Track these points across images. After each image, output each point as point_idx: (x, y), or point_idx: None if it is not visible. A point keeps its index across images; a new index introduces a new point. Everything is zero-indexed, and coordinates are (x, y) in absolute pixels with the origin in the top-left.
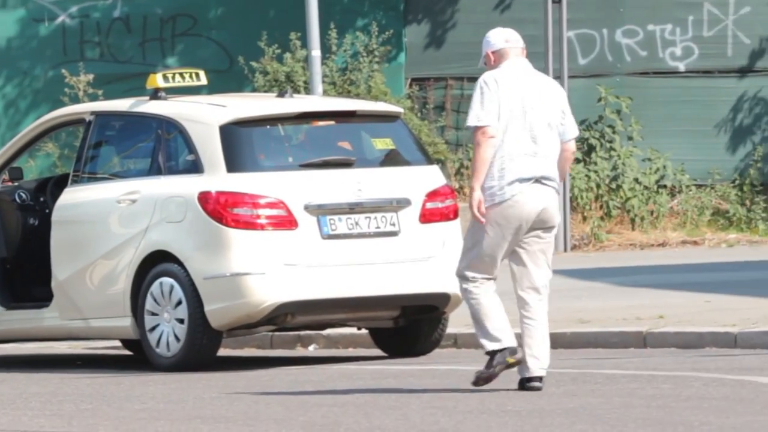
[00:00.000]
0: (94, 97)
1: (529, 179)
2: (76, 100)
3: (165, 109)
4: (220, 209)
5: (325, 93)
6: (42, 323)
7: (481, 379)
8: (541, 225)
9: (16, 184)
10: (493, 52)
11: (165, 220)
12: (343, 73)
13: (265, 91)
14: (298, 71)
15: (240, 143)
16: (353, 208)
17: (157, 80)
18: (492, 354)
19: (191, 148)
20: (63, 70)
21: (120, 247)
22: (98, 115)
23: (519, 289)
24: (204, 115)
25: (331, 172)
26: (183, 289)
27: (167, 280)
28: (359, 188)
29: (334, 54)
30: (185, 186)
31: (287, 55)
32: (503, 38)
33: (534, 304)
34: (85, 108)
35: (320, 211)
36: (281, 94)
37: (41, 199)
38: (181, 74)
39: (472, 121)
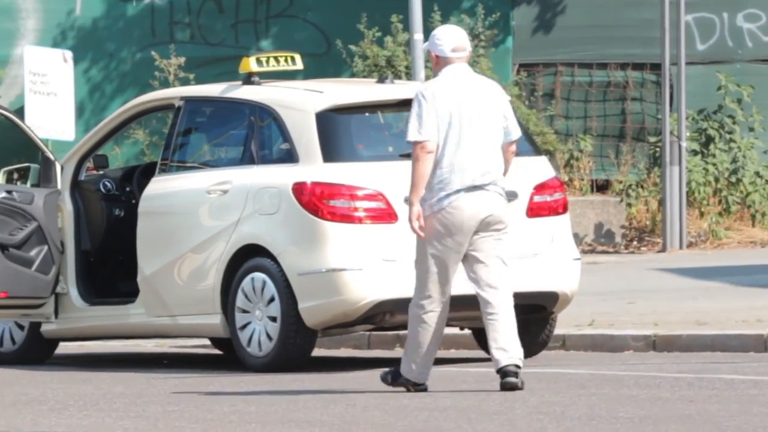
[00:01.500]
0: (185, 81)
1: (469, 187)
2: (165, 84)
3: (258, 95)
4: (315, 201)
5: (428, 79)
6: (127, 320)
7: (382, 381)
8: (487, 227)
9: (101, 172)
10: (437, 56)
11: (257, 212)
12: None
13: (364, 77)
14: (399, 56)
15: (337, 131)
16: None
17: (251, 64)
18: (404, 381)
19: (286, 136)
20: (152, 53)
21: (210, 240)
22: (188, 100)
23: (478, 289)
24: (299, 101)
25: None
26: (276, 285)
27: (259, 276)
28: None
29: None
30: (279, 176)
31: (388, 38)
32: (451, 46)
33: (494, 300)
34: (175, 93)
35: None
36: (381, 80)
37: (127, 188)
38: (275, 58)
39: (411, 135)
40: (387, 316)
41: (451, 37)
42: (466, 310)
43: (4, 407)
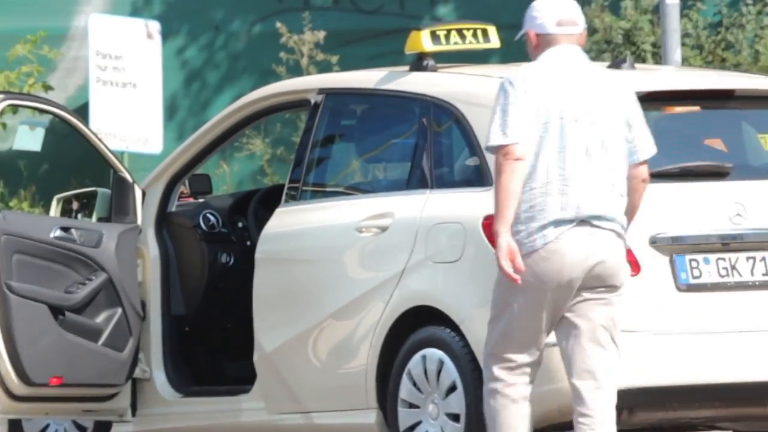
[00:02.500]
0: (325, 68)
1: (571, 220)
2: (296, 71)
3: (434, 87)
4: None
5: (686, 62)
6: (239, 418)
7: None
8: (597, 283)
9: (200, 200)
10: (537, 35)
11: (431, 258)
12: (715, 32)
13: (593, 58)
14: (643, 28)
15: None
16: (728, 243)
17: (423, 41)
18: None
19: (474, 147)
20: (277, 24)
21: (361, 300)
22: (330, 94)
23: (570, 375)
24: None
25: (694, 187)
26: (458, 367)
27: (434, 353)
28: (738, 212)
29: (701, 2)
30: (464, 206)
31: (626, 2)
32: (555, 18)
33: (591, 396)
34: (311, 83)
35: (676, 247)
36: (616, 64)
37: (239, 224)
38: (459, 32)
39: (493, 139)
40: (624, 413)
41: (555, 7)
42: (746, 407)
43: None
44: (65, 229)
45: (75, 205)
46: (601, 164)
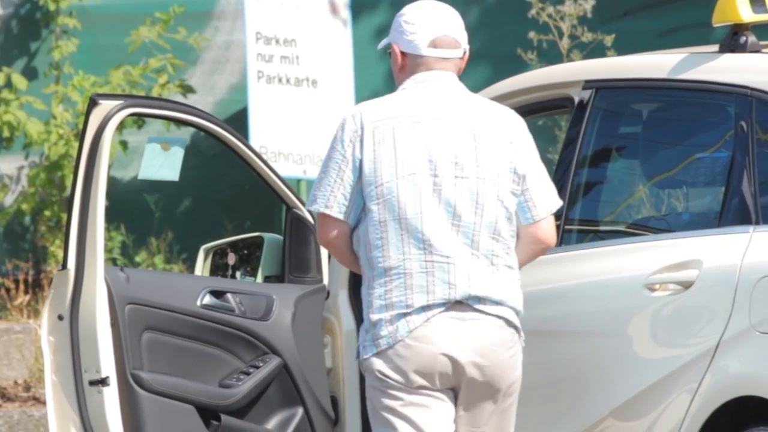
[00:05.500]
0: (594, 51)
1: (440, 305)
2: (552, 56)
3: (758, 74)
4: None
5: None
6: None
7: None
8: (477, 388)
9: None
10: (404, 54)
11: (759, 327)
12: None
13: None
14: None
15: None
16: None
17: (739, 7)
18: None
19: None
20: None
21: (655, 391)
22: (601, 88)
23: None
24: None
25: None
26: None
27: None
28: None
29: None
30: None
31: None
32: (429, 36)
33: None
34: (573, 74)
35: None
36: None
37: None
38: None
39: (310, 200)
40: None
41: (432, 22)
42: None
43: None
44: (218, 294)
45: (231, 259)
46: (476, 230)
